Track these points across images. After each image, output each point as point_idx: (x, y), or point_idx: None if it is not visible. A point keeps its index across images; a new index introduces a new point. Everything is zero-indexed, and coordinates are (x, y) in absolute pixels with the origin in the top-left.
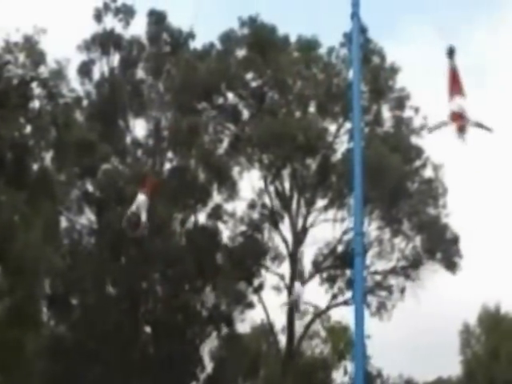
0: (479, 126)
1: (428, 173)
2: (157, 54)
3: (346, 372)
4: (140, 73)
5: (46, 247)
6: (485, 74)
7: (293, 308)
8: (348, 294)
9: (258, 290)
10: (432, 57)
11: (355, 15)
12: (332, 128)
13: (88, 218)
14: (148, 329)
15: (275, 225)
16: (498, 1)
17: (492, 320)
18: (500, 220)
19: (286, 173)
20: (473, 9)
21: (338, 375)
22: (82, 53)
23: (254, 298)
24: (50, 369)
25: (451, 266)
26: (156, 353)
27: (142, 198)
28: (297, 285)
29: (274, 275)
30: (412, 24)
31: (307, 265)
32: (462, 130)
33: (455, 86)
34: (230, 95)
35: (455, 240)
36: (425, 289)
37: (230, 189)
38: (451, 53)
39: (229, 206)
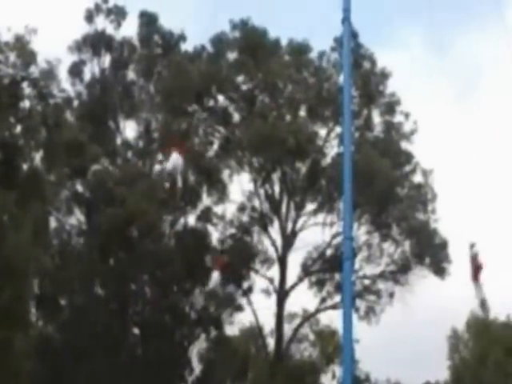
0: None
1: (417, 178)
2: (148, 55)
3: (334, 376)
4: (131, 74)
5: (35, 247)
6: (476, 77)
7: None
8: (337, 298)
9: (247, 292)
10: (423, 62)
11: (346, 20)
12: (322, 132)
13: (77, 218)
14: (136, 330)
15: (265, 228)
16: (490, 5)
17: (480, 326)
18: (489, 225)
19: (275, 176)
20: (465, 13)
21: (326, 379)
22: (73, 53)
23: (243, 301)
24: (37, 369)
25: (440, 271)
26: (144, 354)
27: (176, 157)
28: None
29: (263, 278)
30: (403, 29)
31: (296, 268)
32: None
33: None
34: (221, 98)
35: (444, 245)
36: (413, 293)
37: (220, 191)
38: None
39: (218, 209)
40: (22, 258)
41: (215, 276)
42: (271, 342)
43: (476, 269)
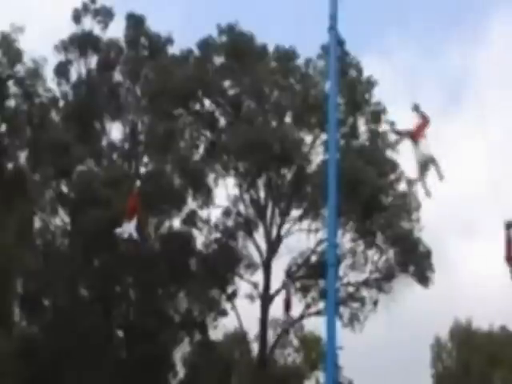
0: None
1: (402, 187)
2: (135, 57)
3: (317, 382)
4: (117, 76)
5: (19, 247)
6: (465, 87)
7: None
8: (321, 305)
9: (232, 297)
10: (409, 70)
11: (332, 28)
12: (308, 139)
13: (62, 219)
14: (120, 332)
15: (249, 233)
16: (479, 13)
17: (463, 335)
18: (471, 235)
19: (261, 182)
20: (451, 22)
21: None
22: (60, 53)
23: (227, 306)
24: (20, 370)
25: (423, 279)
26: (128, 357)
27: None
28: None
29: (247, 283)
30: (390, 38)
31: (280, 274)
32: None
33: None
34: (207, 102)
35: (428, 254)
36: (397, 301)
37: (205, 195)
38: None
39: (203, 213)
40: (6, 258)
41: None
42: (255, 347)
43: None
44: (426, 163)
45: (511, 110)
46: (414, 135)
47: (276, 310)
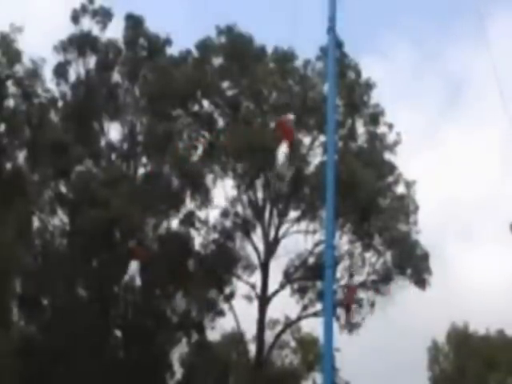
0: None
1: (400, 189)
2: (133, 58)
3: (314, 383)
4: (116, 76)
5: (17, 247)
6: (461, 88)
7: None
8: (318, 306)
9: (229, 298)
10: (408, 72)
11: (331, 30)
12: (306, 140)
13: (61, 219)
14: (118, 332)
15: (247, 234)
16: (474, 18)
17: (460, 338)
18: (469, 238)
19: (259, 183)
20: (451, 23)
21: None
22: (59, 53)
23: (224, 306)
24: (19, 369)
25: (421, 282)
26: (126, 357)
27: None
28: None
29: (245, 284)
30: (389, 40)
31: (278, 275)
32: None
33: None
34: (206, 103)
35: (425, 257)
36: (394, 304)
37: (204, 196)
38: None
39: (202, 214)
40: (5, 258)
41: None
42: (252, 348)
43: None
44: None
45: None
46: None
47: (274, 311)
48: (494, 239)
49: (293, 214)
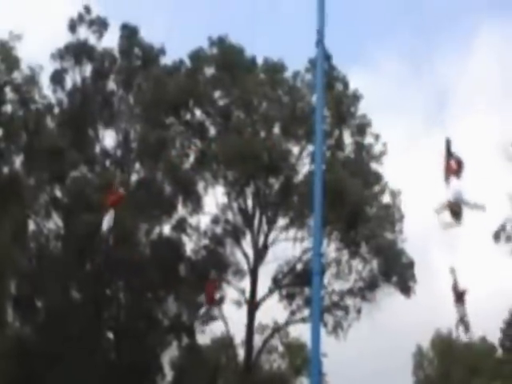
0: (473, 207)
1: (386, 198)
2: (128, 67)
3: None
4: (111, 84)
5: (13, 249)
6: (447, 100)
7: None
8: (306, 312)
9: (219, 303)
10: (395, 84)
11: (320, 43)
12: (295, 150)
13: (55, 222)
14: (111, 335)
15: (237, 240)
16: (466, 27)
17: (444, 344)
18: (453, 247)
19: (249, 191)
20: (438, 36)
21: None
22: (56, 61)
23: (214, 311)
24: (12, 370)
25: (406, 289)
26: (118, 359)
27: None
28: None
29: (235, 290)
30: (376, 52)
31: (267, 281)
32: (457, 216)
33: (451, 170)
34: (198, 112)
35: (410, 265)
36: (380, 310)
37: (195, 203)
38: (447, 145)
39: (193, 220)
40: (0, 260)
41: None
42: (241, 352)
43: (460, 293)
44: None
45: (497, 119)
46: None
47: (262, 316)
48: (477, 247)
49: (282, 221)
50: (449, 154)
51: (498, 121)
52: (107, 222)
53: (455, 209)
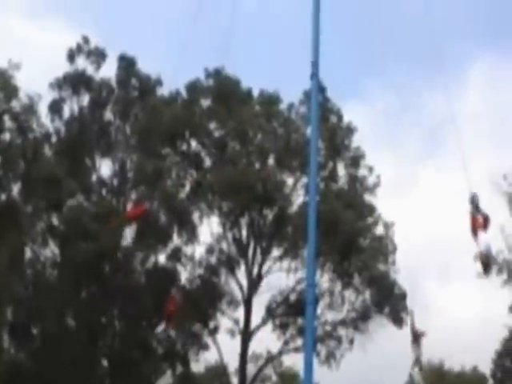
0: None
1: (379, 230)
2: (125, 97)
3: None
4: (108, 114)
5: (10, 276)
6: (444, 133)
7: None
8: (299, 342)
9: (213, 332)
10: (388, 117)
11: (314, 75)
12: (290, 181)
13: (52, 250)
14: (105, 362)
15: (232, 270)
16: (457, 64)
17: (436, 375)
18: (446, 278)
19: (243, 221)
20: (431, 72)
21: None
22: (54, 90)
23: (209, 340)
24: None
25: (398, 320)
26: None
27: None
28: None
29: (228, 319)
30: (371, 85)
31: (261, 310)
32: (487, 268)
33: (479, 225)
34: (194, 143)
35: (402, 296)
36: (373, 341)
37: (190, 233)
38: (473, 200)
39: (188, 249)
40: None
41: None
42: (235, 381)
43: (417, 335)
44: None
45: (490, 156)
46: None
47: (256, 345)
48: (469, 279)
49: (276, 251)
50: (476, 209)
51: (490, 154)
52: None
53: (485, 261)
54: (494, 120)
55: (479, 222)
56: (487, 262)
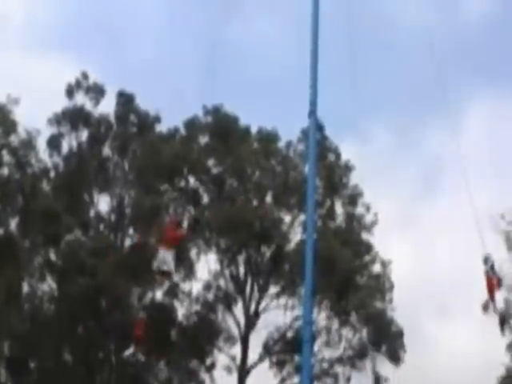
0: None
1: (376, 268)
2: (124, 133)
3: None
4: (106, 150)
5: (7, 310)
6: (441, 172)
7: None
8: (296, 379)
9: (210, 368)
10: (385, 155)
11: (312, 114)
12: (287, 218)
13: (49, 285)
14: None
15: (229, 307)
16: (456, 100)
17: None
18: (444, 316)
19: (241, 258)
20: (429, 111)
21: None
22: (53, 126)
23: (205, 377)
24: None
25: (395, 358)
26: None
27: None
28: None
29: (225, 356)
30: (369, 123)
31: (258, 347)
32: (503, 325)
33: (494, 286)
34: (192, 179)
35: (400, 334)
36: (369, 379)
37: (188, 269)
38: (486, 261)
39: (185, 286)
40: None
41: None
42: None
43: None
44: None
45: (487, 195)
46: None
47: (252, 382)
48: (468, 317)
49: (273, 289)
50: (492, 270)
51: (488, 193)
52: None
53: (502, 319)
54: (495, 159)
55: (493, 283)
56: (503, 321)
